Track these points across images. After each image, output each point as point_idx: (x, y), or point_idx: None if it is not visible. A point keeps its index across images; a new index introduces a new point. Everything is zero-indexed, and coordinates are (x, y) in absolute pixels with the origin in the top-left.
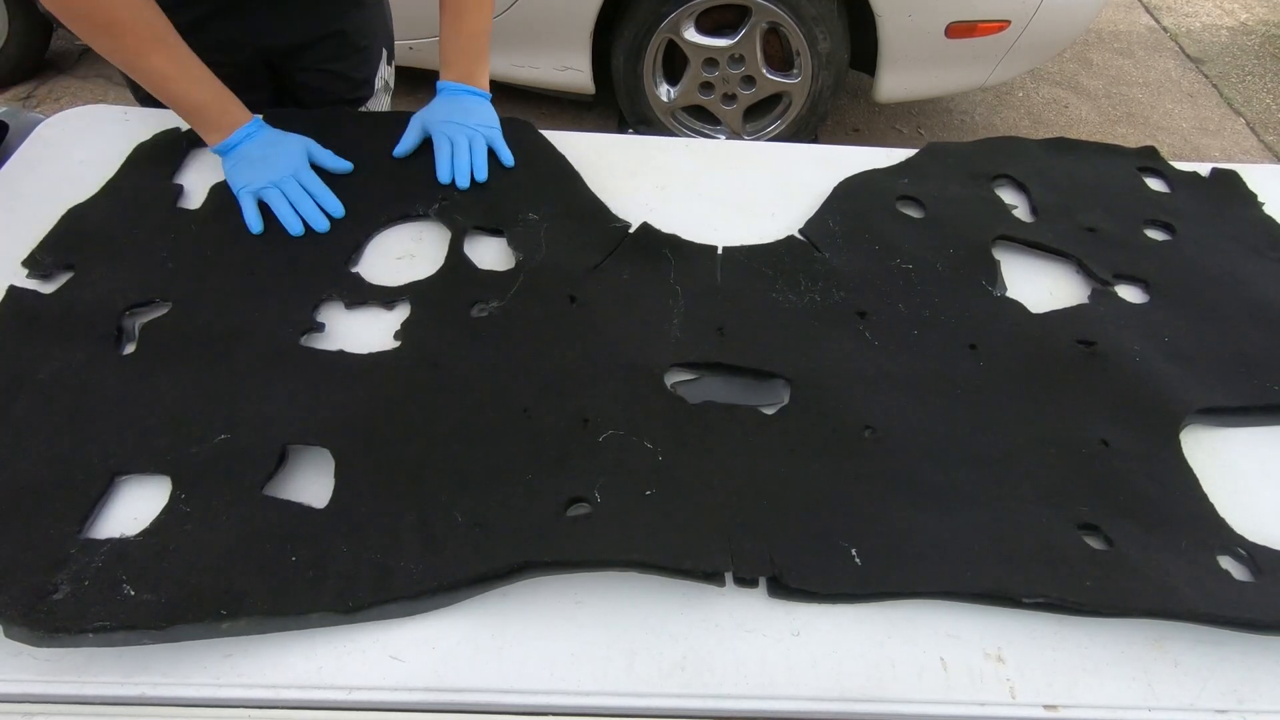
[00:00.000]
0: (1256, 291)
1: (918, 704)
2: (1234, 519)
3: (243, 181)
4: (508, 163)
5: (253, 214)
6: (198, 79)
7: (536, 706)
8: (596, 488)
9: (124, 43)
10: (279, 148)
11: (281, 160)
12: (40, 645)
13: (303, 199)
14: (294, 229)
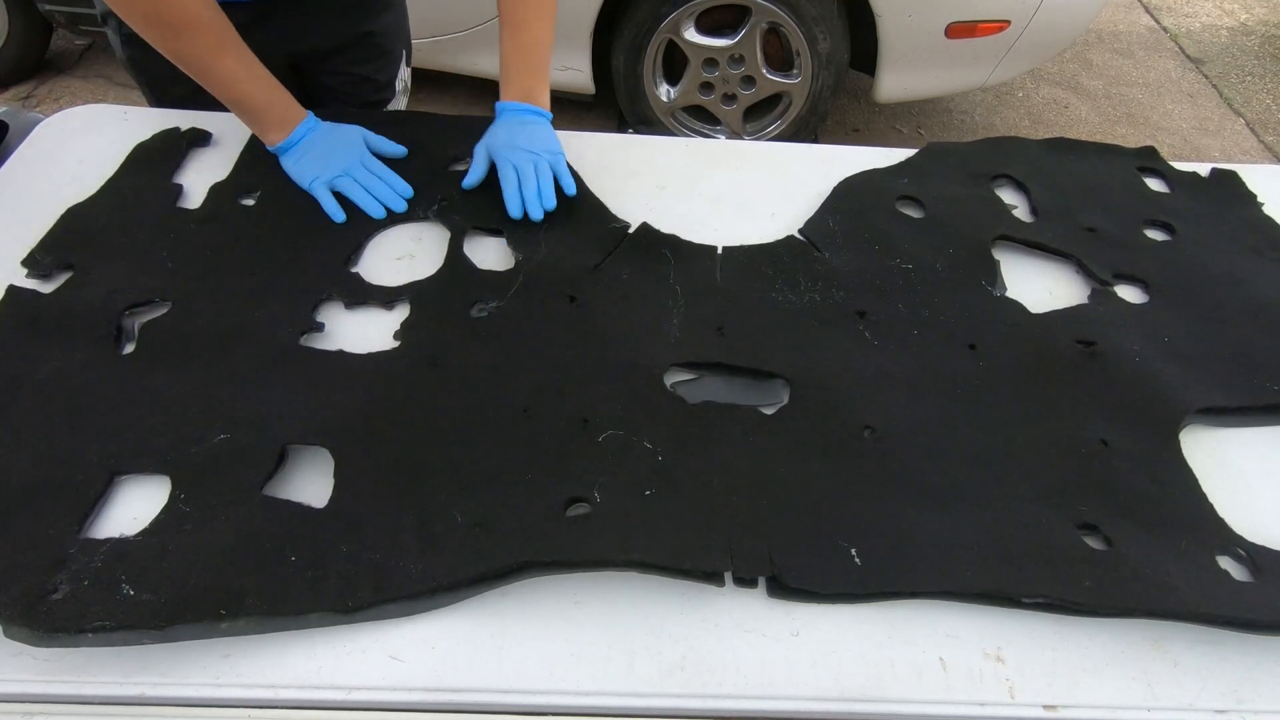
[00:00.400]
0: (1256, 291)
1: (917, 704)
2: (1233, 519)
3: (314, 174)
4: (570, 191)
5: (332, 204)
6: (261, 78)
7: (536, 706)
8: (596, 488)
9: (197, 44)
10: (340, 138)
11: (346, 150)
12: (39, 645)
13: (375, 183)
14: (376, 212)
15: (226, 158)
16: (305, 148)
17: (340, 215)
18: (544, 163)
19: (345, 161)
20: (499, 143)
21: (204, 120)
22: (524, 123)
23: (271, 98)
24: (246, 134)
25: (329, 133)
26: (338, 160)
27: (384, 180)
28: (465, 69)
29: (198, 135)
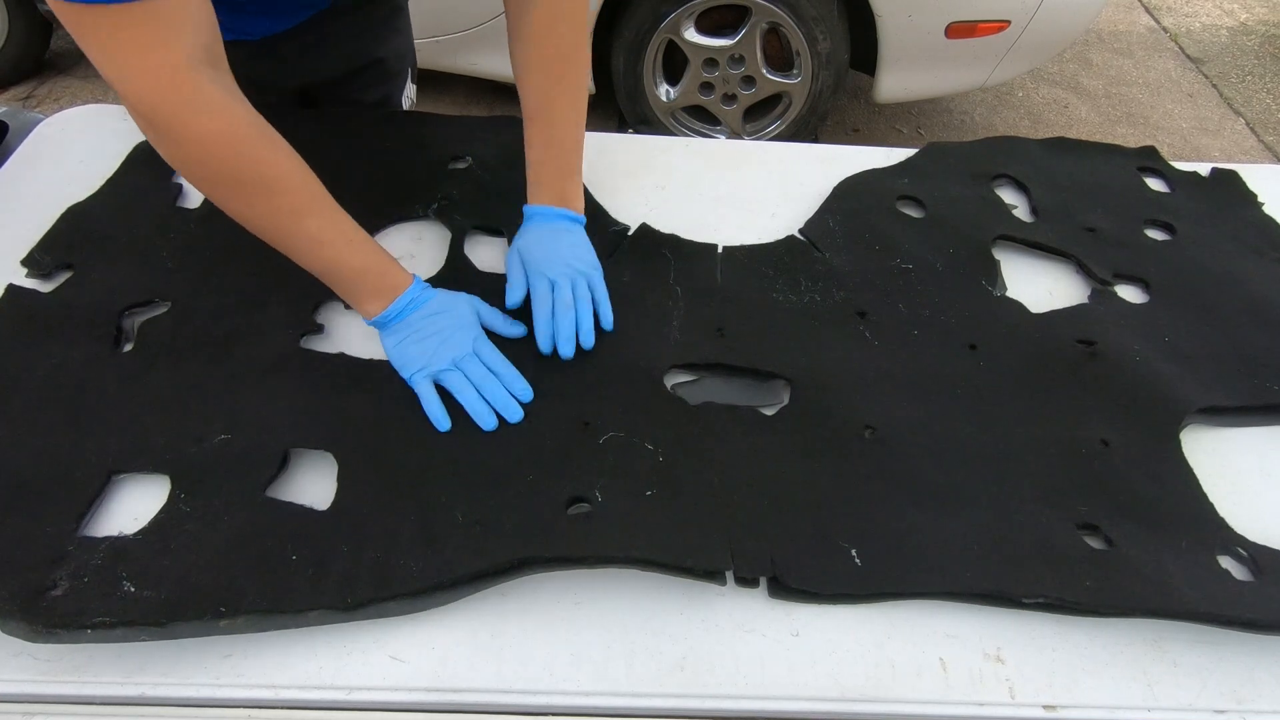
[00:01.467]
0: (1256, 291)
1: (917, 704)
2: (1234, 519)
3: (417, 364)
4: (608, 325)
5: (437, 407)
6: (352, 239)
7: (536, 706)
8: (597, 488)
9: (277, 205)
10: (450, 316)
11: (457, 332)
12: (38, 641)
13: (489, 381)
14: (487, 423)
15: None
16: (409, 326)
17: (445, 423)
18: (583, 283)
19: (457, 348)
20: (533, 255)
21: None
22: (557, 230)
23: (367, 262)
24: None
25: (439, 308)
26: (447, 346)
27: (499, 377)
28: (465, 69)
29: None
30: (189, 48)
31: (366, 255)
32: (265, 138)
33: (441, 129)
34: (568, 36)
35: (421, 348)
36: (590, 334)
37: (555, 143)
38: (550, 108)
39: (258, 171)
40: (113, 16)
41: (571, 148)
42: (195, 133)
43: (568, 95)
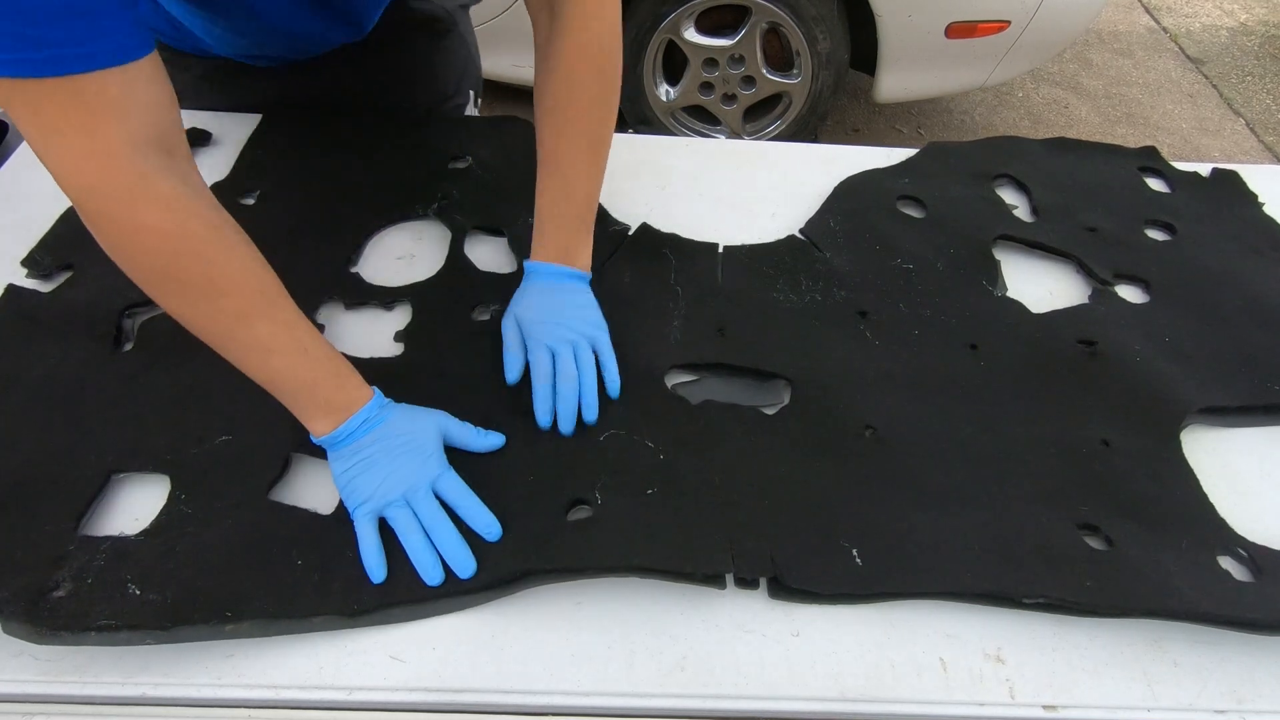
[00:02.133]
0: (1257, 291)
1: (917, 704)
2: (1234, 519)
3: (362, 495)
4: (614, 393)
5: (373, 554)
6: (307, 348)
7: (536, 706)
8: (597, 488)
9: (221, 306)
10: (407, 440)
11: (413, 461)
12: (41, 642)
13: (439, 525)
14: (430, 577)
15: (226, 158)
16: (359, 452)
17: (381, 573)
18: (586, 349)
19: (410, 480)
20: (529, 316)
21: (199, 122)
22: (557, 290)
23: (318, 374)
24: (246, 134)
25: (398, 430)
26: (400, 477)
27: (461, 513)
28: None
29: (197, 135)
30: (134, 131)
31: (319, 366)
32: (217, 235)
33: (441, 128)
34: (592, 81)
35: (370, 477)
36: (594, 408)
37: (564, 194)
38: (563, 155)
39: (203, 272)
40: (41, 91)
41: (582, 200)
42: (131, 226)
43: (584, 144)
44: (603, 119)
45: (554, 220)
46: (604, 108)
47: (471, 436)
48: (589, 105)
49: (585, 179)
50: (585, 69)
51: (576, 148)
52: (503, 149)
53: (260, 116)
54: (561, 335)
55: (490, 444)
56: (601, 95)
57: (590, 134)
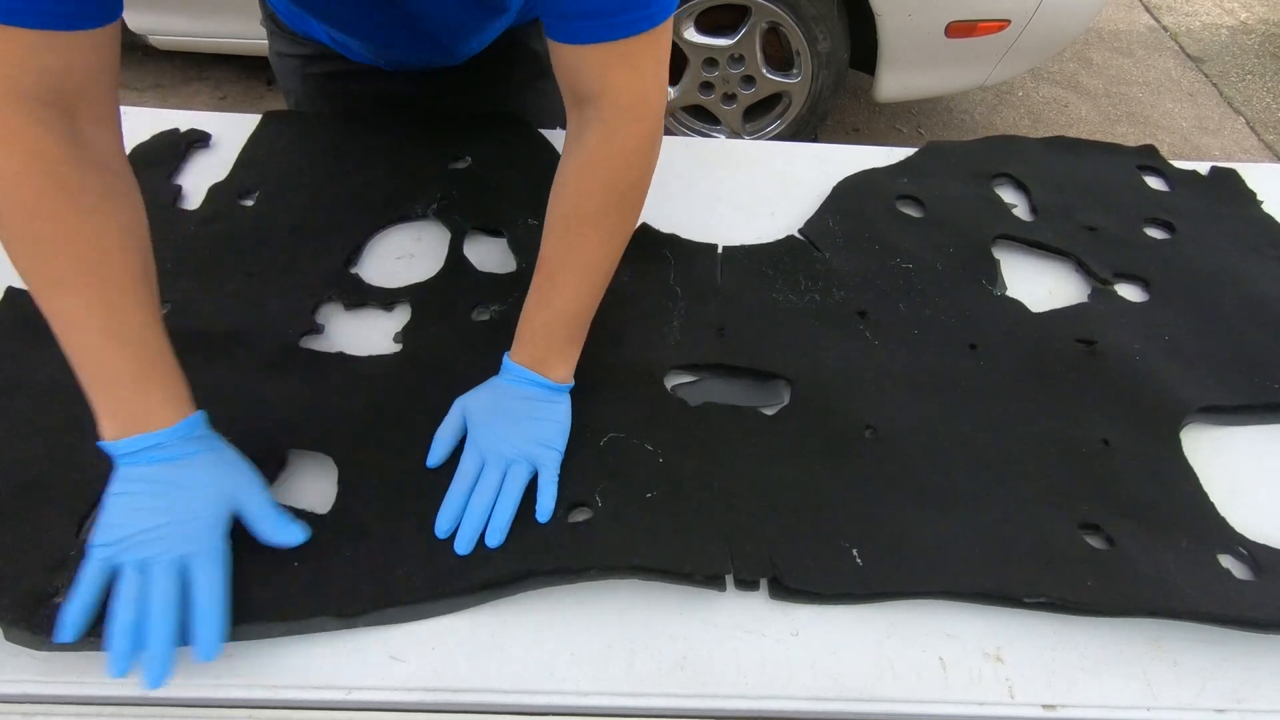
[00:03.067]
0: (1256, 290)
1: (916, 704)
2: (1234, 518)
3: (107, 535)
4: (542, 515)
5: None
6: (123, 339)
7: (536, 706)
8: (597, 491)
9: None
10: (182, 498)
11: (174, 526)
12: (42, 649)
13: (159, 615)
14: (114, 669)
15: (225, 158)
16: (141, 481)
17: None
18: (521, 470)
19: (159, 547)
20: (478, 418)
21: (199, 122)
22: (522, 396)
23: (119, 369)
24: (245, 135)
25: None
26: (155, 534)
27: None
28: None
29: (196, 136)
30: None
31: (126, 361)
32: (65, 196)
33: (441, 128)
34: (597, 195)
35: (124, 519)
36: (500, 533)
37: (549, 307)
38: (555, 269)
39: (27, 225)
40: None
41: (568, 318)
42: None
43: (578, 263)
44: (606, 238)
45: (534, 328)
46: (610, 225)
47: (268, 523)
48: (585, 227)
49: (573, 298)
50: (594, 184)
51: (568, 266)
52: (503, 149)
53: (260, 116)
54: (500, 448)
55: (284, 539)
56: (608, 212)
57: (588, 256)
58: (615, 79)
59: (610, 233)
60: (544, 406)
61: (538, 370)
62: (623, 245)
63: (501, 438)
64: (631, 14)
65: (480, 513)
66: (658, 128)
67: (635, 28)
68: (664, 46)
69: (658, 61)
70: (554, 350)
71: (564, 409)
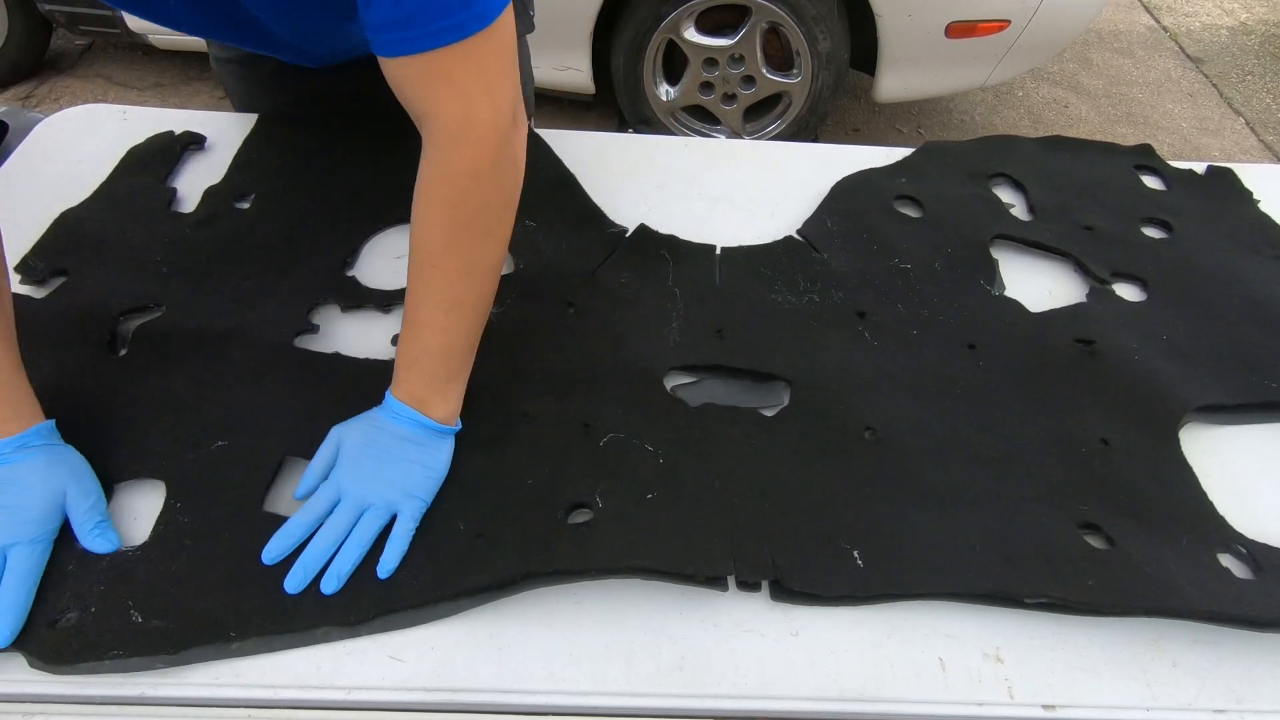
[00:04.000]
0: (1254, 289)
1: (916, 704)
2: (1233, 517)
3: None
4: (383, 571)
5: None
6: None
7: (536, 706)
8: (598, 492)
9: None
10: (17, 495)
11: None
12: (62, 673)
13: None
14: None
15: (221, 160)
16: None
17: None
18: (376, 518)
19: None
20: (351, 448)
21: (199, 122)
22: (398, 436)
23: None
24: (240, 137)
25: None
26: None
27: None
28: None
29: (191, 138)
30: None
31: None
32: None
33: None
34: (442, 226)
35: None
36: (338, 580)
37: (420, 345)
38: (418, 305)
39: None
40: None
41: (440, 358)
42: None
43: (439, 299)
44: (464, 271)
45: (408, 364)
46: (466, 258)
47: (85, 526)
48: (440, 259)
49: (440, 334)
50: (435, 213)
51: (430, 302)
52: None
53: (256, 118)
54: (361, 489)
55: (97, 545)
56: (458, 243)
57: (448, 291)
58: (436, 98)
59: (467, 266)
60: (419, 449)
61: (418, 409)
62: (490, 276)
63: (365, 477)
64: (436, 23)
65: (320, 553)
66: (497, 151)
67: (441, 39)
68: (490, 59)
69: (484, 76)
70: (433, 389)
71: (443, 454)
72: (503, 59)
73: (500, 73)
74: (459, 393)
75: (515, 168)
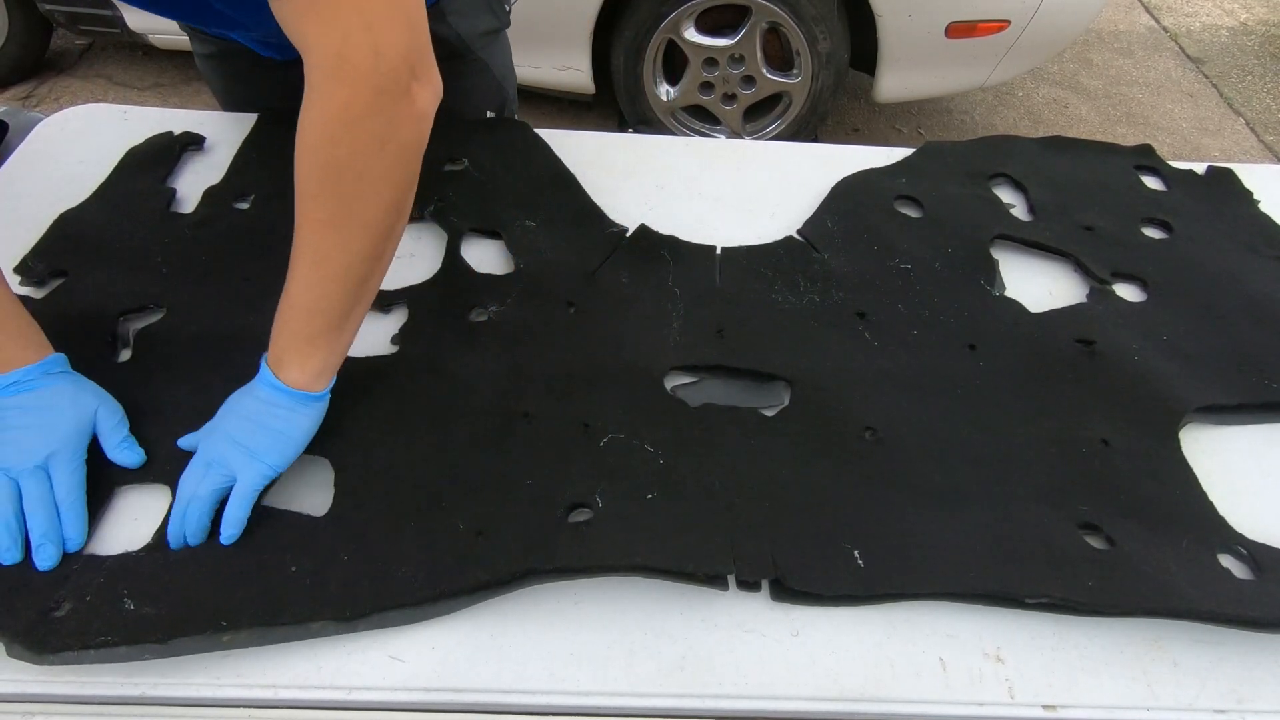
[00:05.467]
0: (1253, 289)
1: (916, 704)
2: (1233, 517)
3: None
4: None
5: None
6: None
7: (536, 706)
8: (598, 492)
9: None
10: (47, 415)
11: (39, 437)
12: (43, 664)
13: (40, 508)
14: (6, 555)
15: (220, 161)
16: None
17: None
18: (214, 478)
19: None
20: (220, 413)
21: (199, 122)
22: (257, 397)
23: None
24: (240, 137)
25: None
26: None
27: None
28: None
29: (191, 139)
30: None
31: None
32: None
33: (436, 130)
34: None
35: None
36: (189, 538)
37: (287, 300)
38: (294, 256)
39: None
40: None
41: (303, 314)
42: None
43: (307, 250)
44: (331, 225)
45: (278, 324)
46: (331, 210)
47: (113, 439)
48: (309, 206)
49: (305, 290)
50: (306, 157)
51: (300, 253)
52: (498, 151)
53: (255, 118)
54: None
55: (123, 458)
56: (325, 194)
57: (315, 243)
58: (309, 32)
59: (333, 219)
60: (273, 413)
61: (276, 371)
62: (366, 235)
63: (218, 439)
64: None
65: (179, 511)
66: (375, 96)
67: None
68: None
69: (362, 12)
70: (293, 350)
71: (300, 419)
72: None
73: (386, 11)
74: (324, 358)
75: (410, 123)
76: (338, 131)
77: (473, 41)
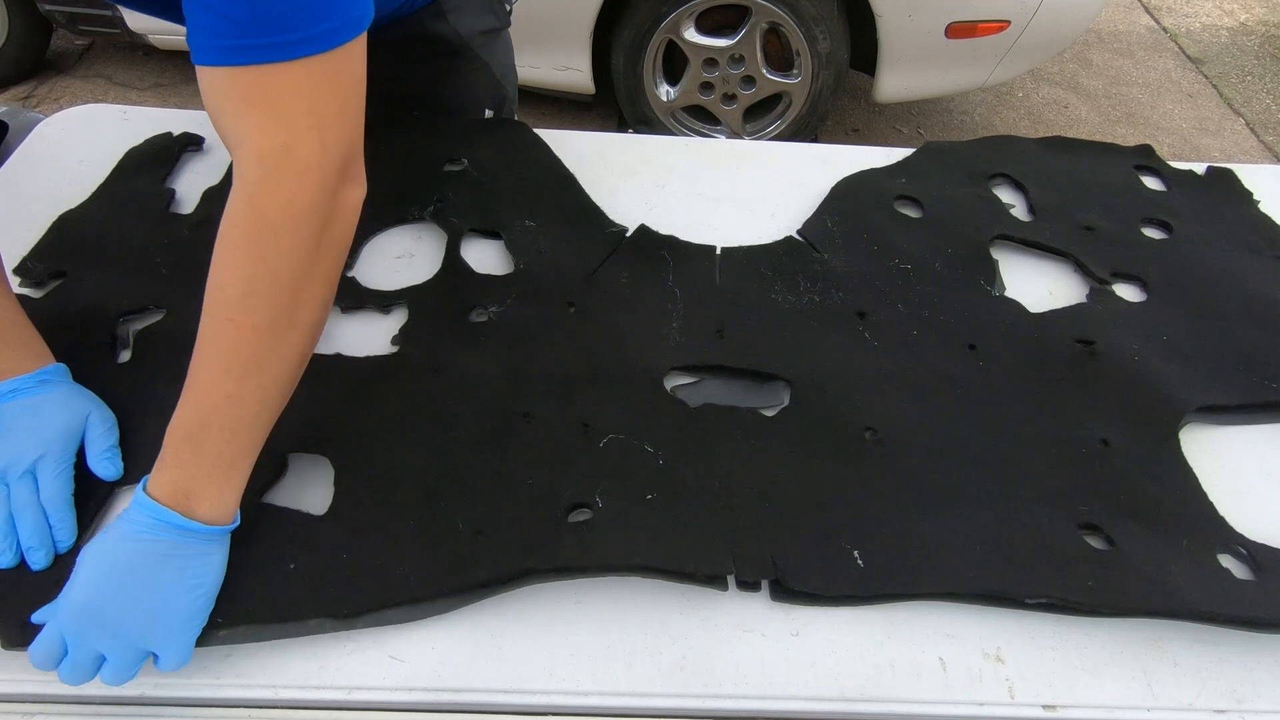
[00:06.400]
0: (1254, 289)
1: (916, 704)
2: (1233, 517)
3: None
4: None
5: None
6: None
7: (536, 706)
8: (598, 492)
9: None
10: (38, 420)
11: (29, 439)
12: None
13: (28, 510)
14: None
15: (220, 161)
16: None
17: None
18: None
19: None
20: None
21: (199, 122)
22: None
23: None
24: None
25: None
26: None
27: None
28: None
29: (190, 139)
30: None
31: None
32: None
33: (436, 131)
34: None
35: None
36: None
37: (198, 417)
38: (200, 365)
39: None
40: None
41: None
42: None
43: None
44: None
45: (178, 445)
46: (264, 315)
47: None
48: (237, 311)
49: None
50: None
51: (215, 366)
52: (499, 151)
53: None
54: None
55: (102, 469)
56: (257, 297)
57: (237, 353)
58: (253, 122)
59: (269, 322)
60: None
61: (182, 505)
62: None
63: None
64: (268, 37)
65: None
66: (317, 193)
67: (267, 55)
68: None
69: (314, 111)
70: (209, 477)
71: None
72: (342, 97)
73: (336, 111)
74: (240, 484)
75: (346, 219)
76: (280, 224)
77: (472, 40)
